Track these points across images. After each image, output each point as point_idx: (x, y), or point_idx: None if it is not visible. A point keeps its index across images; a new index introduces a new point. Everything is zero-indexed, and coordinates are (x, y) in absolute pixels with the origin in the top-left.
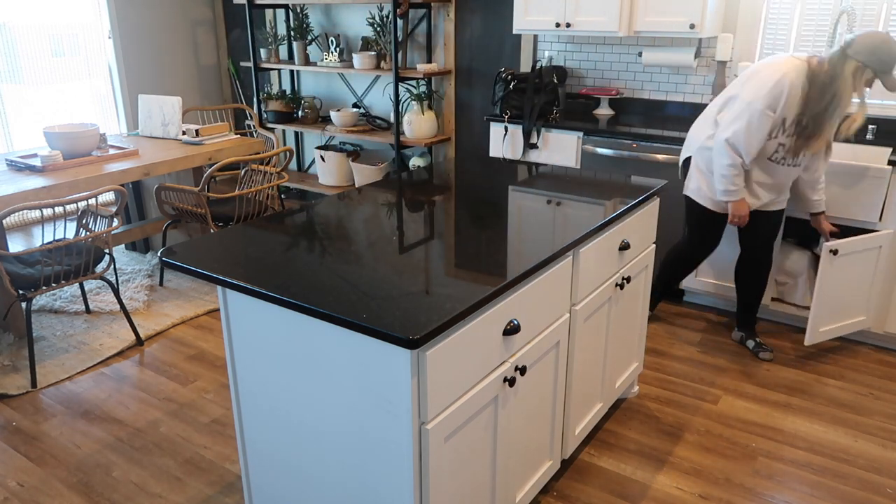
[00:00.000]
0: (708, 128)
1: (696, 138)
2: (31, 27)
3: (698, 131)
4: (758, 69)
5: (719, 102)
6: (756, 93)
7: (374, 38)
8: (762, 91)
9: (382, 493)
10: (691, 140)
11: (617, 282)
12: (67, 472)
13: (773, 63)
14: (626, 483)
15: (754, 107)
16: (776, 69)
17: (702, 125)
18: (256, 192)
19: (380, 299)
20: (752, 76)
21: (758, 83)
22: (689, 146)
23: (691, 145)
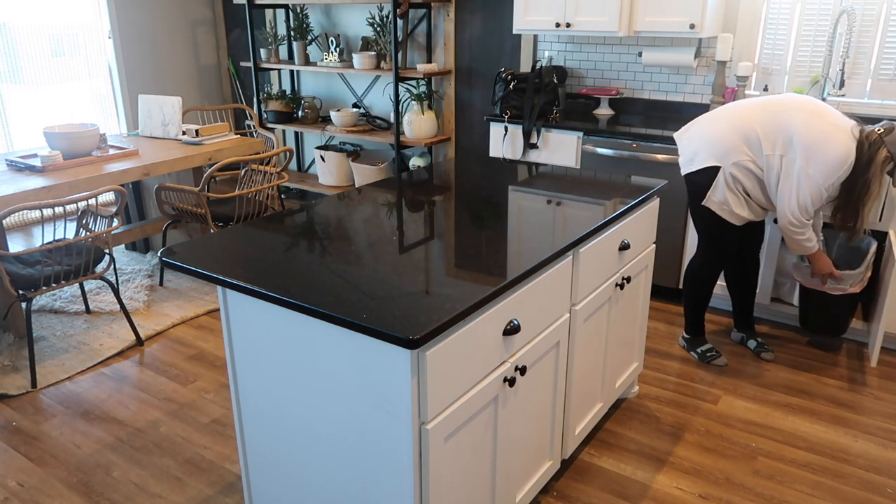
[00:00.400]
0: (743, 143)
1: (727, 150)
2: (31, 27)
3: (728, 143)
4: (820, 138)
5: (762, 124)
6: (822, 172)
7: (374, 38)
8: (828, 170)
9: (382, 492)
10: (716, 146)
11: (617, 282)
12: (67, 472)
13: (836, 137)
14: (626, 483)
15: (817, 184)
16: (842, 149)
17: (731, 136)
18: (256, 192)
19: (380, 299)
20: (817, 146)
21: (824, 161)
22: (715, 152)
23: (718, 152)
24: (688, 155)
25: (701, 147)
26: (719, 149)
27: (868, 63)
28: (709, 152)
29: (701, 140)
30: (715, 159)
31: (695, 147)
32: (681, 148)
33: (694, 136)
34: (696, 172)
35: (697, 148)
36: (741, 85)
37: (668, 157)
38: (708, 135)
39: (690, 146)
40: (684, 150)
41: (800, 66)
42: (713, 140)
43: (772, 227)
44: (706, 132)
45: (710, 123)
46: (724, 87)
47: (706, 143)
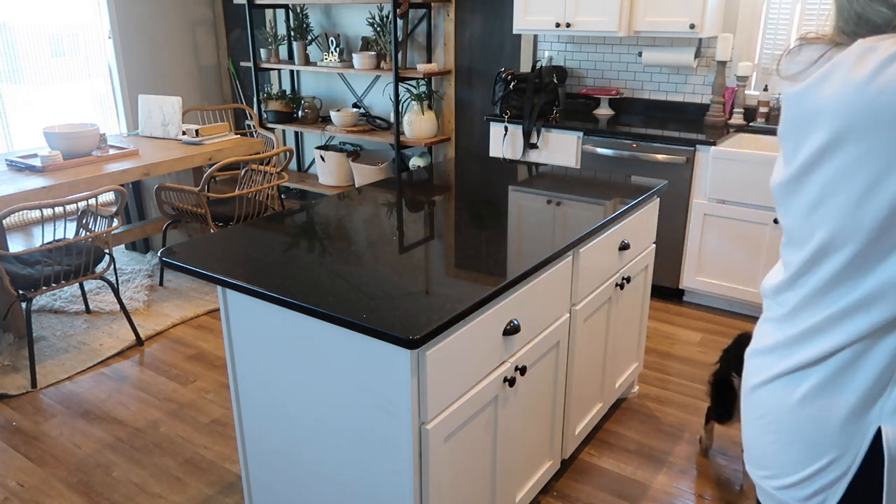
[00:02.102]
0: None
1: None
2: (31, 27)
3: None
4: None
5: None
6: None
7: (374, 38)
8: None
9: (382, 492)
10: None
11: (617, 282)
12: (67, 472)
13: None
14: (626, 483)
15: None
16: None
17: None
18: (256, 192)
19: (380, 299)
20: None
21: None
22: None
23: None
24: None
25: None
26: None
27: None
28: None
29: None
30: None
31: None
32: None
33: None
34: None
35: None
36: (741, 85)
37: (668, 157)
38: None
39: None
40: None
41: None
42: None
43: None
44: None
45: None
46: (724, 87)
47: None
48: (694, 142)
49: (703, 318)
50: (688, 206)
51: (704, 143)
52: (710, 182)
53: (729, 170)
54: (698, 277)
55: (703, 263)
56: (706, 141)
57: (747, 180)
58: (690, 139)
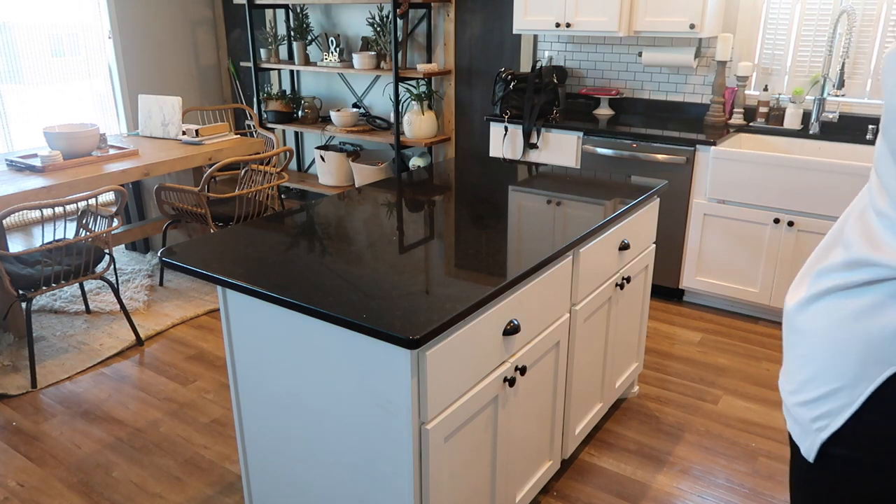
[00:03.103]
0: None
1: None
2: (31, 27)
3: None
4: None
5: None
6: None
7: (374, 38)
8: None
9: (382, 492)
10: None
11: (617, 282)
12: (67, 472)
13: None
14: (626, 483)
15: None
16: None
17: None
18: (256, 192)
19: (380, 299)
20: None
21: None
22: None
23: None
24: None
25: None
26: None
27: (868, 63)
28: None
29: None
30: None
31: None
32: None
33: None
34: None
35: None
36: (741, 85)
37: (668, 157)
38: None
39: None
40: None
41: (800, 66)
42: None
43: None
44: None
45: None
46: (724, 87)
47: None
48: (694, 142)
49: (703, 318)
50: (688, 206)
51: (704, 143)
52: (710, 182)
53: (729, 170)
54: (698, 277)
55: (703, 263)
56: (706, 141)
57: (747, 180)
58: (690, 139)
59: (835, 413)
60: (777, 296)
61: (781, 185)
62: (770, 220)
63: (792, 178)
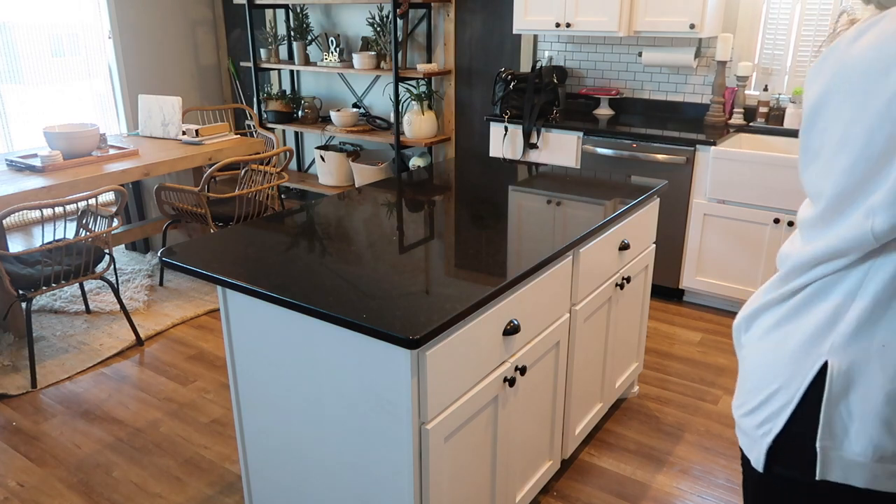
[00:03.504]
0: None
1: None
2: (31, 27)
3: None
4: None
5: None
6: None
7: (374, 38)
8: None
9: (382, 492)
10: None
11: (617, 282)
12: (67, 472)
13: None
14: (626, 483)
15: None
16: None
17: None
18: (256, 192)
19: (380, 299)
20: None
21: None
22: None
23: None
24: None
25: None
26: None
27: None
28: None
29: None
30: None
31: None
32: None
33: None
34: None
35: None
36: (741, 85)
37: (667, 157)
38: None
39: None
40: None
41: (800, 66)
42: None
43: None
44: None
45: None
46: (724, 87)
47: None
48: (694, 142)
49: (703, 318)
50: (688, 206)
51: (704, 143)
52: (710, 182)
53: (729, 170)
54: (698, 277)
55: (703, 263)
56: (706, 141)
57: (747, 180)
58: (690, 139)
59: (775, 416)
60: None
61: (781, 185)
62: (770, 220)
63: (792, 178)
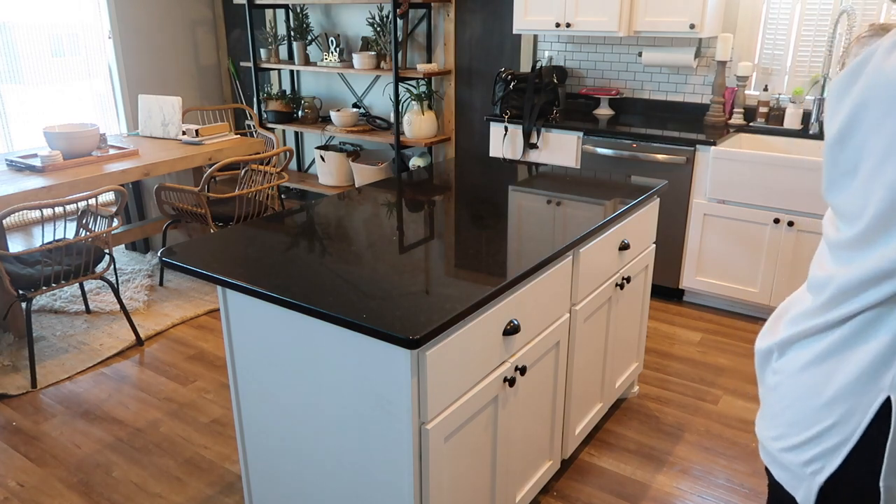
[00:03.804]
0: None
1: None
2: (31, 27)
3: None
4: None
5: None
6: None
7: (374, 38)
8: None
9: (382, 492)
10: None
11: (617, 282)
12: (67, 472)
13: None
14: (626, 483)
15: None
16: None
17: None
18: (256, 192)
19: (380, 299)
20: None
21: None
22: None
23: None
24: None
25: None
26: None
27: None
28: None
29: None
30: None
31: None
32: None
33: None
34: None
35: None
36: (741, 85)
37: (668, 157)
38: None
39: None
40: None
41: (800, 66)
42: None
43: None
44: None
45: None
46: (724, 87)
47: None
48: (694, 142)
49: (703, 318)
50: (688, 206)
51: (704, 143)
52: (710, 182)
53: (729, 170)
54: (698, 277)
55: (703, 263)
56: (706, 141)
57: (747, 180)
58: (690, 139)
59: (830, 454)
60: (777, 296)
61: (781, 185)
62: (770, 220)
63: (792, 178)
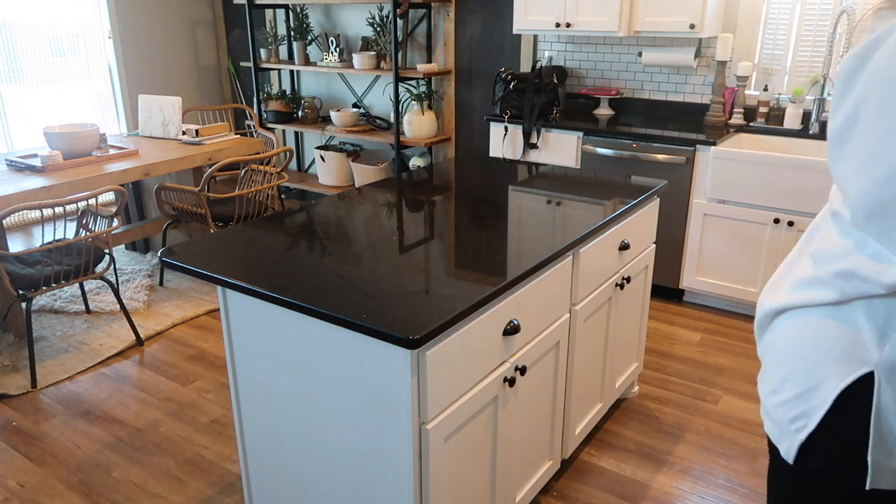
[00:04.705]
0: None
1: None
2: (31, 27)
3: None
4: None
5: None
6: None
7: (374, 38)
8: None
9: (382, 492)
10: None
11: (617, 282)
12: (67, 472)
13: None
14: (626, 483)
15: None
16: None
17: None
18: (256, 192)
19: (380, 299)
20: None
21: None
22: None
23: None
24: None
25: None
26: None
27: None
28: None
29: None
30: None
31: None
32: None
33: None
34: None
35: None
36: (741, 85)
37: (668, 157)
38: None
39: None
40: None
41: (800, 66)
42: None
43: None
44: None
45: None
46: (724, 87)
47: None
48: (694, 142)
49: (703, 318)
50: (688, 206)
51: (704, 143)
52: (710, 182)
53: (729, 170)
54: (698, 277)
55: (703, 263)
56: (706, 141)
57: (747, 180)
58: (690, 139)
59: (810, 413)
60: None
61: (781, 185)
62: (770, 220)
63: (792, 178)
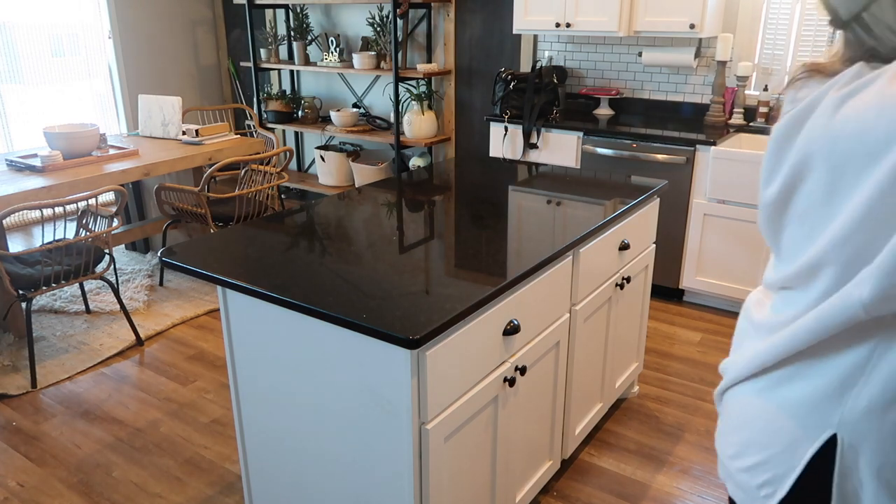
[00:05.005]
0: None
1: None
2: (31, 27)
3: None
4: None
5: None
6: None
7: (374, 38)
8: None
9: (382, 492)
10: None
11: (617, 282)
12: (67, 472)
13: None
14: (626, 483)
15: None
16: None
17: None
18: (256, 192)
19: (380, 299)
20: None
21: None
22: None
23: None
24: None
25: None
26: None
27: None
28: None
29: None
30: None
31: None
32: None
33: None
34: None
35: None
36: (741, 85)
37: (667, 157)
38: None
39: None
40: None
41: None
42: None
43: None
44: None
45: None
46: (724, 87)
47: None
48: (694, 142)
49: (703, 318)
50: (688, 206)
51: (704, 142)
52: (710, 182)
53: (729, 170)
54: (698, 277)
55: (703, 263)
56: (706, 141)
57: (747, 180)
58: (690, 139)
59: (779, 480)
60: None
61: None
62: None
63: None
